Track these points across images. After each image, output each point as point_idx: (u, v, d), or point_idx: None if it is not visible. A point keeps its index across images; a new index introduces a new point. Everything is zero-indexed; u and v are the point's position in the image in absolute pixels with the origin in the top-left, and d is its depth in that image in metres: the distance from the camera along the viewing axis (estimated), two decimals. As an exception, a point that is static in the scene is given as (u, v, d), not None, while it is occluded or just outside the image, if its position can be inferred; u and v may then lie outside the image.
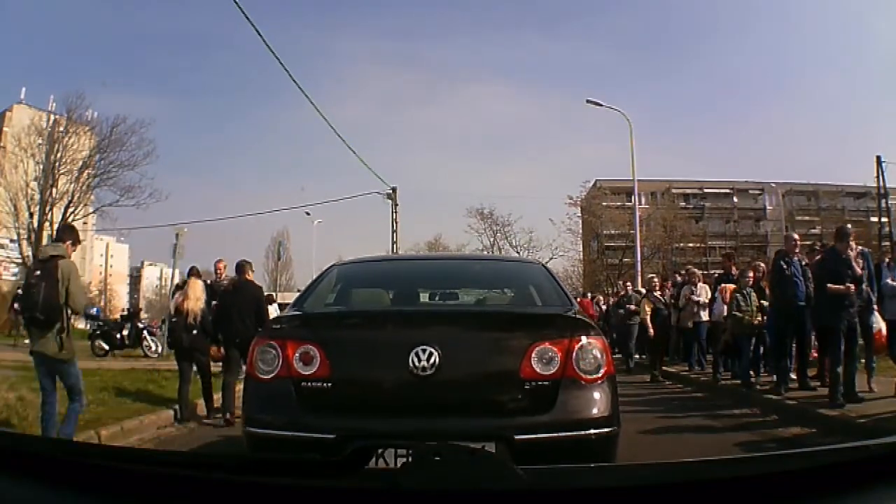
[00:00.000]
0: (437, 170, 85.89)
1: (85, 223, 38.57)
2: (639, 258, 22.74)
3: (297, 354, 2.95)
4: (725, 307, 9.49)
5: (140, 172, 29.47)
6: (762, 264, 9.95)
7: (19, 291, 10.81)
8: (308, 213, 43.70)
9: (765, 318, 8.51)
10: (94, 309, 31.99)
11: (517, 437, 2.73)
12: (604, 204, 41.66)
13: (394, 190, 24.68)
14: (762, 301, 8.63)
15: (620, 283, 12.54)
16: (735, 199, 55.98)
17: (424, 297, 4.44)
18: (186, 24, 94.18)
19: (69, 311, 4.68)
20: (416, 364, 2.81)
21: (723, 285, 9.86)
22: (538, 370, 2.88)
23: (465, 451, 1.21)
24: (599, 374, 2.96)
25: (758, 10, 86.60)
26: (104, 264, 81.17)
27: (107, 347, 13.80)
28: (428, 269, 4.95)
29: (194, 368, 7.29)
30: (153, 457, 1.38)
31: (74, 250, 5.05)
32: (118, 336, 13.95)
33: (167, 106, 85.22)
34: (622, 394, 3.28)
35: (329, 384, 2.91)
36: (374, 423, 2.85)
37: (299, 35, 77.60)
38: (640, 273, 21.61)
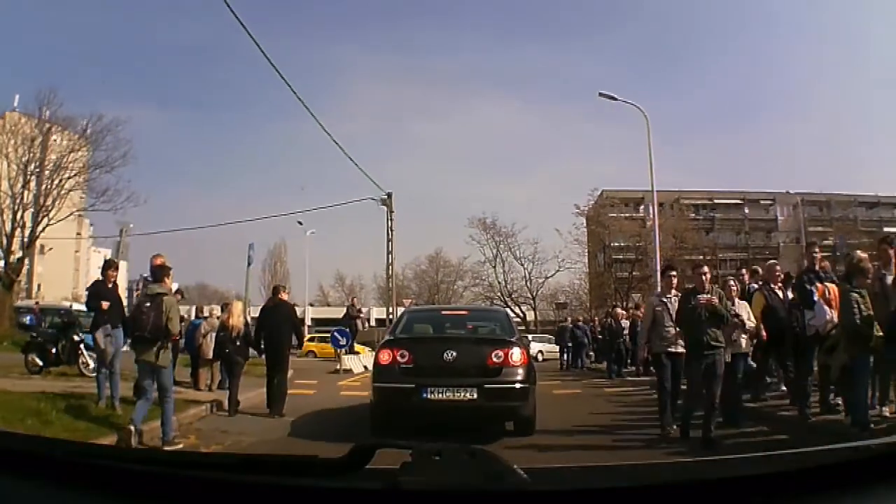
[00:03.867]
0: (440, 184, 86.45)
1: (79, 234, 37.59)
2: (658, 261, 21.49)
3: (398, 353, 6.80)
4: (833, 313, 7.02)
5: (116, 175, 28.10)
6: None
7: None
8: (301, 223, 41.91)
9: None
10: (28, 317, 24.41)
11: (485, 385, 6.52)
12: (611, 215, 41.05)
13: (389, 195, 23.34)
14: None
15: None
16: (746, 210, 55.89)
17: (448, 327, 8.46)
18: (183, 33, 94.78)
19: (168, 333, 6.58)
20: (447, 358, 6.65)
21: (821, 284, 7.53)
22: (494, 360, 6.71)
23: (466, 451, 1.24)
24: (520, 363, 6.75)
25: (768, 20, 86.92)
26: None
27: (41, 363, 11.76)
28: (450, 315, 10.00)
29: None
30: (154, 457, 1.41)
31: (171, 281, 7.35)
32: (53, 350, 11.82)
33: (162, 115, 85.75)
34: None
35: (412, 366, 6.72)
36: (430, 380, 6.53)
37: (299, 47, 78.15)
38: (659, 285, 20.36)
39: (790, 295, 8.12)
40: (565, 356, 21.90)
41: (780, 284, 8.31)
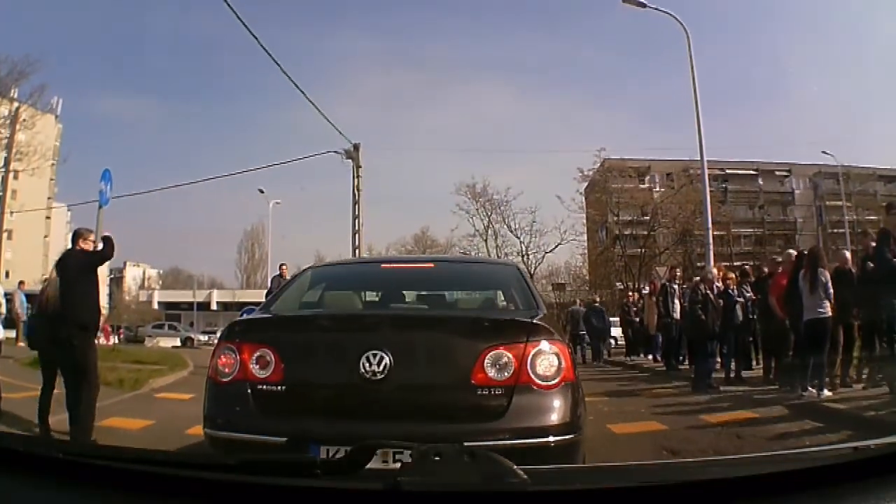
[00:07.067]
0: (433, 170, 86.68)
1: (48, 217, 35.39)
2: (710, 226, 17.60)
3: (253, 358, 3.11)
4: None
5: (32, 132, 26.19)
6: None
7: None
8: (262, 191, 39.62)
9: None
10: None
11: (466, 443, 2.54)
12: (615, 185, 39.40)
13: (356, 147, 19.50)
14: None
15: None
16: (760, 182, 55.68)
17: (391, 297, 4.42)
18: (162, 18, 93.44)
19: None
20: (367, 369, 2.92)
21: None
22: (489, 375, 2.95)
23: (466, 451, 1.30)
24: (556, 378, 3.01)
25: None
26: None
27: None
28: (401, 272, 4.85)
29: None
30: (153, 457, 1.48)
31: None
32: None
33: (138, 96, 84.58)
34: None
35: (283, 388, 3.06)
36: (324, 426, 2.95)
37: (290, 33, 77.79)
38: (711, 256, 16.80)
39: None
40: (582, 347, 18.02)
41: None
